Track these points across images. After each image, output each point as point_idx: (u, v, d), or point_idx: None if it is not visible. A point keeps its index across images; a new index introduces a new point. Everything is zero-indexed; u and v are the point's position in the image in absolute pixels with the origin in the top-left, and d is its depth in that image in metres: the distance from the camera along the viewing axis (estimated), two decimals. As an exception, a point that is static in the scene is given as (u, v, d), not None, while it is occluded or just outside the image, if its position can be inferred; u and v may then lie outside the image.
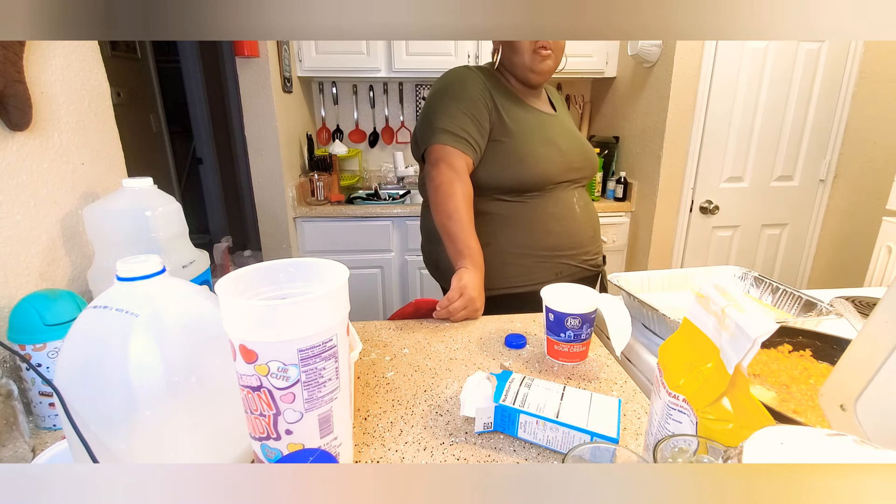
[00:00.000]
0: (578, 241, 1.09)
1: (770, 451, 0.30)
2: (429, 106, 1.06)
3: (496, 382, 0.60)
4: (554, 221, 1.06)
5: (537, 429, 0.55)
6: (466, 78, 1.05)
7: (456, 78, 1.06)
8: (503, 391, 0.58)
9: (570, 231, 1.08)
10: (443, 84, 1.06)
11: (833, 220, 2.22)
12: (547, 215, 1.05)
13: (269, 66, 1.93)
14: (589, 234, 1.12)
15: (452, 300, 0.89)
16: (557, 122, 1.12)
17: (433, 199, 0.98)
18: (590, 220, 1.13)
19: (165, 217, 0.73)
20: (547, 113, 1.12)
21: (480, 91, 1.03)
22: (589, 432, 0.52)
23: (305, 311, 0.40)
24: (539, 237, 1.05)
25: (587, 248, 1.11)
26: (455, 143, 0.98)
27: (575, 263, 1.09)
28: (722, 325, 0.42)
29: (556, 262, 1.07)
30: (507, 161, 1.02)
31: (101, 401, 0.43)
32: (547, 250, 1.05)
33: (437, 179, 0.98)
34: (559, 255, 1.07)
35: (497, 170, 1.02)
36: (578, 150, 1.09)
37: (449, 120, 1.00)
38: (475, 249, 0.95)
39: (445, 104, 1.02)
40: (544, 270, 1.07)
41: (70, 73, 0.79)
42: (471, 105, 1.01)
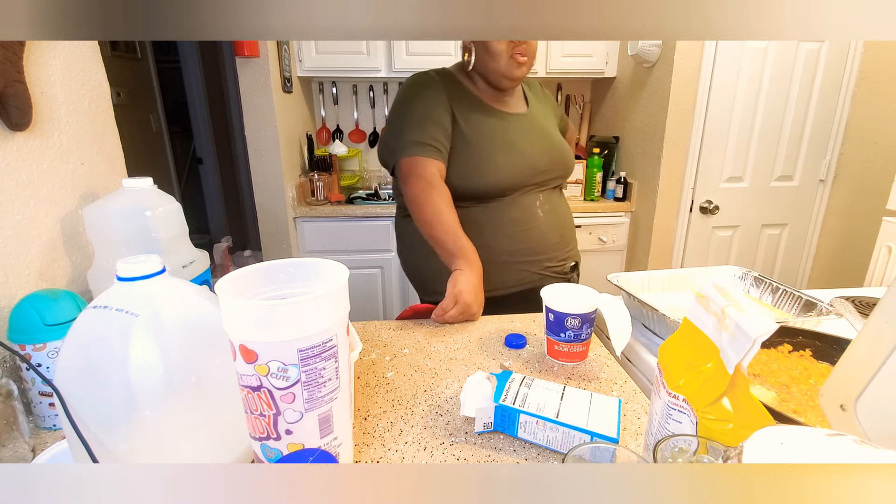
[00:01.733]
0: (540, 246, 1.06)
1: (770, 451, 0.30)
2: (391, 119, 1.05)
3: (496, 382, 0.60)
4: (513, 226, 1.03)
5: (537, 429, 0.55)
6: (425, 84, 1.04)
7: (415, 86, 1.04)
8: (503, 391, 0.58)
9: (532, 236, 1.05)
10: (402, 95, 1.05)
11: (833, 220, 2.22)
12: (507, 220, 1.03)
13: (269, 66, 1.93)
14: (554, 239, 1.08)
15: (447, 309, 0.88)
16: (526, 123, 1.08)
17: (413, 214, 0.97)
18: (556, 224, 1.09)
19: (165, 217, 0.73)
20: (515, 113, 1.08)
21: (439, 95, 1.01)
22: (589, 432, 0.52)
23: (305, 311, 0.40)
24: (499, 242, 1.02)
25: (551, 254, 1.08)
26: (422, 151, 0.97)
27: (536, 270, 1.06)
28: (722, 325, 0.42)
29: (517, 268, 1.04)
30: (464, 169, 1.00)
31: (101, 401, 0.43)
32: (506, 255, 1.02)
33: (411, 194, 0.96)
34: (520, 260, 1.04)
35: (454, 177, 1.00)
36: (546, 153, 1.06)
37: (412, 130, 0.98)
38: (467, 247, 0.93)
39: (407, 115, 1.01)
40: (504, 276, 1.04)
41: (70, 73, 0.79)
42: (432, 110, 1.00)
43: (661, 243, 2.20)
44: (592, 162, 2.32)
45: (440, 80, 1.05)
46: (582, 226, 2.28)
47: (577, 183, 2.34)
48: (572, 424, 0.53)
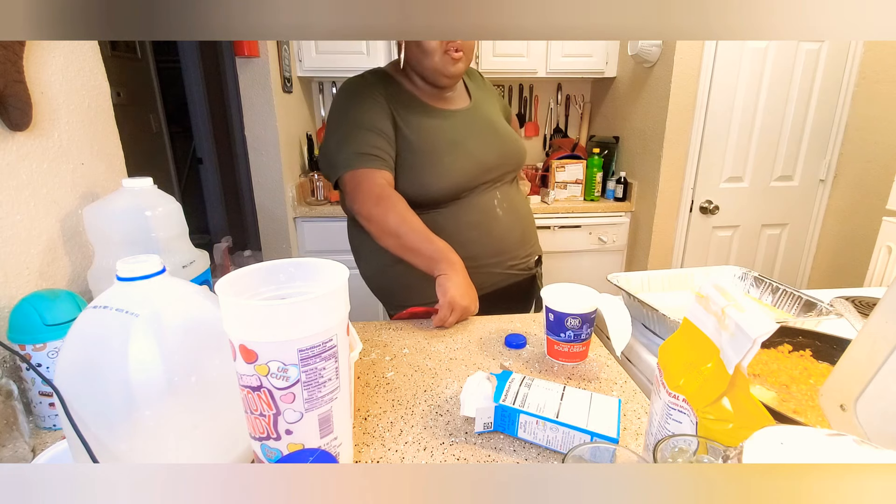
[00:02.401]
0: (501, 247, 1.02)
1: (770, 451, 0.30)
2: (328, 129, 0.98)
3: (496, 382, 0.60)
4: (471, 230, 0.98)
5: (537, 429, 0.55)
6: (361, 90, 0.97)
7: (350, 93, 0.98)
8: (503, 391, 0.58)
9: (492, 238, 1.00)
10: (337, 102, 0.98)
11: (833, 220, 2.22)
12: (464, 224, 0.98)
13: (269, 66, 1.93)
14: (515, 237, 1.04)
15: (445, 319, 0.86)
16: (470, 118, 1.02)
17: (374, 232, 0.91)
18: (517, 221, 1.04)
19: (165, 217, 0.73)
20: (457, 110, 1.02)
21: (377, 100, 0.96)
22: (589, 432, 0.52)
23: (305, 311, 0.40)
24: (461, 248, 0.93)
25: (514, 254, 1.04)
26: (366, 163, 0.91)
27: (501, 271, 1.02)
28: (722, 325, 0.42)
29: (481, 272, 0.99)
30: (412, 176, 0.95)
31: (101, 401, 0.43)
32: (469, 261, 0.93)
33: (364, 211, 0.90)
34: (483, 264, 0.99)
35: (403, 185, 0.94)
36: (494, 147, 1.01)
37: (352, 141, 0.92)
38: (443, 247, 0.88)
39: (346, 125, 0.94)
40: None
41: (70, 73, 0.79)
42: (371, 117, 0.94)
43: (661, 243, 2.20)
44: (592, 162, 2.32)
45: (376, 81, 0.99)
46: (582, 226, 2.28)
47: (577, 183, 2.34)
48: (572, 424, 0.53)
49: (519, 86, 2.67)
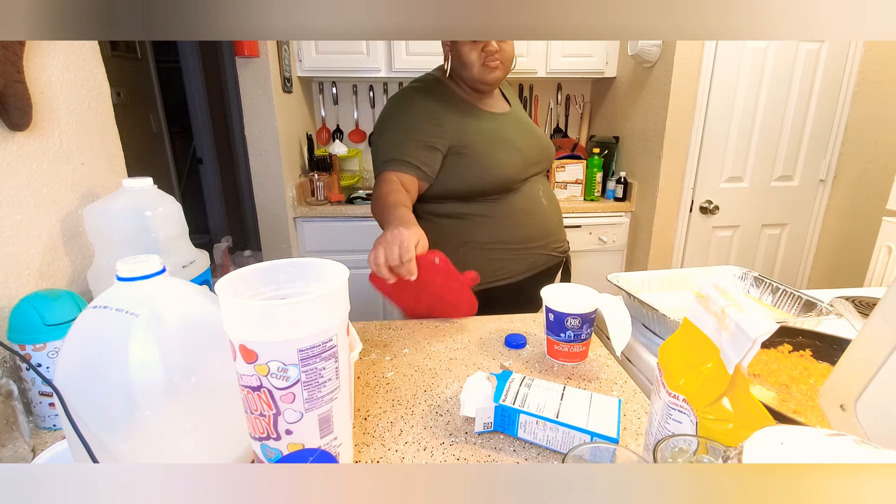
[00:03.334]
0: (547, 230, 1.15)
1: (770, 451, 0.30)
2: (375, 139, 1.10)
3: (496, 382, 0.60)
4: (524, 216, 1.11)
5: (537, 429, 0.55)
6: (409, 103, 1.08)
7: (398, 106, 1.09)
8: (503, 391, 0.58)
9: (540, 222, 1.14)
10: (385, 115, 1.09)
11: (833, 220, 2.22)
12: (518, 211, 1.10)
13: (269, 66, 1.92)
14: (555, 222, 1.18)
15: (373, 259, 0.81)
16: (512, 120, 1.15)
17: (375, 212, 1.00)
18: (555, 209, 1.19)
19: (165, 217, 0.73)
20: (501, 113, 1.14)
21: (425, 112, 1.05)
22: (589, 432, 0.52)
23: (305, 312, 0.40)
24: (513, 231, 1.10)
25: (556, 237, 1.18)
26: (400, 167, 1.02)
27: (546, 252, 1.15)
28: (722, 325, 0.42)
29: (531, 253, 1.13)
30: (471, 171, 1.06)
31: (101, 401, 0.43)
32: (521, 243, 1.10)
33: (374, 196, 1.01)
34: (532, 245, 1.12)
35: (463, 179, 1.06)
36: (534, 145, 1.14)
37: (393, 150, 1.03)
38: (403, 215, 0.88)
39: (388, 136, 1.06)
40: (519, 262, 1.12)
41: (70, 73, 0.79)
42: (415, 130, 1.03)
43: (661, 243, 2.20)
44: (592, 162, 2.32)
45: (427, 92, 1.09)
46: (582, 226, 2.27)
47: (577, 183, 2.33)
48: (572, 424, 0.53)
49: (519, 86, 2.67)
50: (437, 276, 0.84)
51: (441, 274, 0.84)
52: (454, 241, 1.08)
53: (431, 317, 0.94)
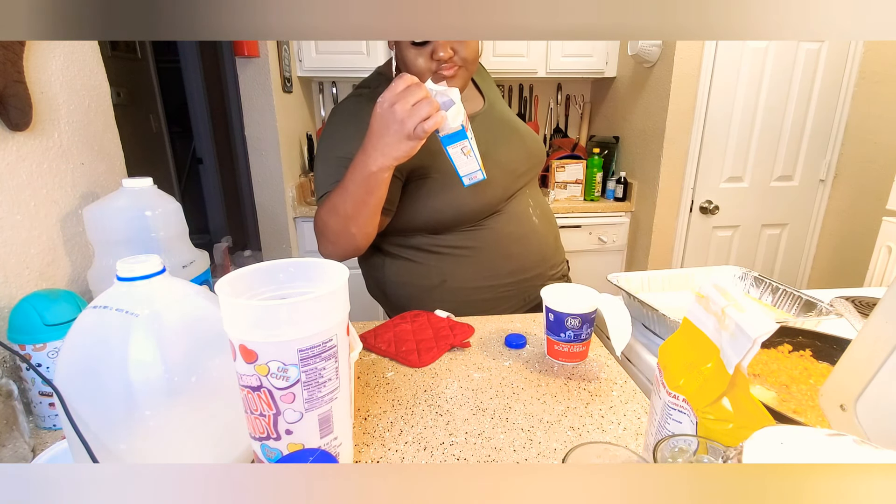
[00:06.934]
0: (542, 255, 0.96)
1: (770, 451, 0.30)
2: (315, 162, 0.89)
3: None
4: (513, 243, 0.92)
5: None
6: (349, 117, 0.85)
7: (338, 121, 0.87)
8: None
9: (533, 247, 0.95)
10: (325, 134, 0.87)
11: (833, 220, 2.22)
12: (504, 237, 0.91)
13: (269, 66, 1.93)
14: (551, 242, 0.99)
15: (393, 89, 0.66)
16: (488, 122, 0.93)
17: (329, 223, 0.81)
18: (550, 225, 0.99)
19: (165, 217, 0.73)
20: (472, 115, 0.92)
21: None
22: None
23: (305, 311, 0.40)
24: (500, 264, 0.90)
25: (553, 260, 0.99)
26: None
27: (542, 282, 0.96)
28: (722, 325, 0.42)
29: (524, 286, 0.94)
30: (439, 200, 0.86)
31: (101, 401, 0.43)
32: (512, 276, 0.91)
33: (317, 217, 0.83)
34: (525, 277, 0.95)
35: (431, 210, 0.86)
36: (520, 152, 0.93)
37: (333, 182, 0.81)
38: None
39: (327, 163, 0.85)
40: (511, 300, 0.95)
41: (70, 73, 0.79)
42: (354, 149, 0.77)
43: (661, 243, 2.20)
44: (592, 162, 2.32)
45: (373, 98, 0.72)
46: (582, 226, 2.27)
47: (577, 183, 2.34)
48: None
49: (519, 86, 2.67)
50: (430, 330, 0.83)
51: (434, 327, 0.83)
52: (431, 279, 0.90)
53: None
